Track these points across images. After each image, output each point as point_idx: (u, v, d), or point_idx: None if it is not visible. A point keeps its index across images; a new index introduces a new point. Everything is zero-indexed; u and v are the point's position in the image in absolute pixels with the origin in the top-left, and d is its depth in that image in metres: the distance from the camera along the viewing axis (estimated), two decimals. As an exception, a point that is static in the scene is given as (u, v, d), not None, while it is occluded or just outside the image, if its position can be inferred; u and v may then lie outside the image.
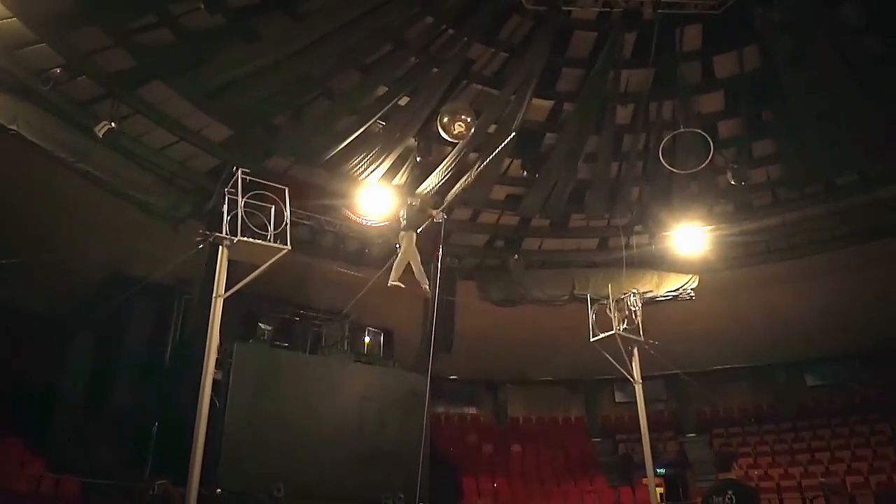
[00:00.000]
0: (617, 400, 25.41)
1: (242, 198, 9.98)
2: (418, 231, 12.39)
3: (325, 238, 18.51)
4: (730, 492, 5.57)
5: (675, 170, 15.19)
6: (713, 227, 18.95)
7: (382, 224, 17.38)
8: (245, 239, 9.71)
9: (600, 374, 25.39)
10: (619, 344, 13.73)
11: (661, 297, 20.06)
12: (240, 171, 10.23)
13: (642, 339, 14.12)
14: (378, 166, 16.31)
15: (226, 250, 9.72)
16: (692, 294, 20.01)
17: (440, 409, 24.32)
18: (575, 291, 20.15)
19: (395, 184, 17.15)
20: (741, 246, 19.68)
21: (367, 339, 20.17)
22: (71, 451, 14.92)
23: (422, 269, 12.51)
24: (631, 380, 14.05)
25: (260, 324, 15.93)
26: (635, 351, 14.17)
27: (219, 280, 9.61)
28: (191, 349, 15.14)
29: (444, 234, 18.47)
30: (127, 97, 13.82)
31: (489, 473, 20.41)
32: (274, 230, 10.16)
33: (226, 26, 13.09)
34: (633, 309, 14.28)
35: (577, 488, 19.65)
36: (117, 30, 12.72)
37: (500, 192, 18.35)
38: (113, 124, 13.39)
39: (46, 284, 16.73)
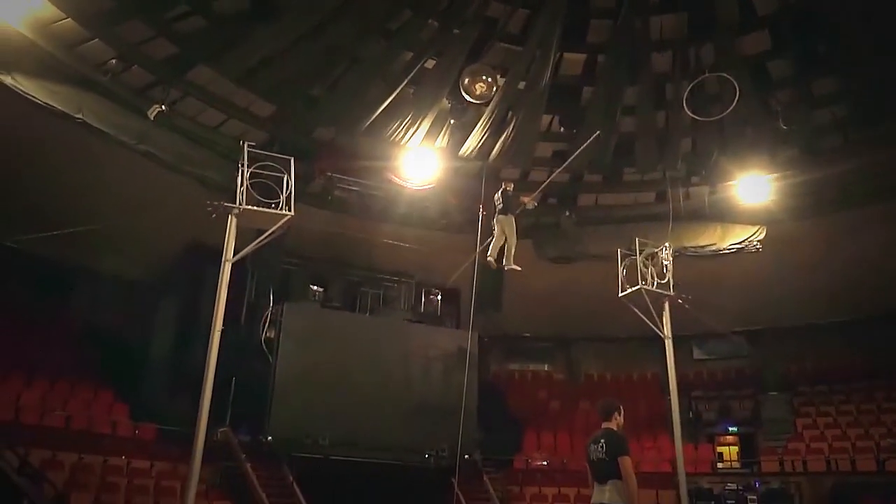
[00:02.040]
0: (695, 356, 24.66)
1: (248, 168, 10.74)
2: (516, 214, 12.87)
3: (377, 203, 19.24)
4: (602, 440, 5.75)
5: (698, 117, 14.47)
6: (778, 174, 17.85)
7: (427, 187, 17.87)
8: (249, 207, 10.51)
9: (679, 331, 24.84)
10: (647, 299, 13.49)
11: (726, 249, 19.23)
12: (245, 145, 11.01)
13: (671, 293, 13.79)
14: (416, 130, 16.74)
15: (234, 218, 10.57)
16: (759, 246, 19.01)
17: (513, 366, 24.78)
18: (633, 246, 19.71)
19: (439, 146, 17.50)
20: (811, 195, 18.36)
21: (436, 298, 20.63)
22: (153, 403, 16.85)
23: (513, 252, 12.95)
24: (661, 335, 13.79)
25: (311, 286, 16.99)
26: (666, 306, 13.86)
27: (227, 245, 10.52)
28: (260, 313, 16.53)
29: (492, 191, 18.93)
30: (176, 81, 15.05)
31: (552, 429, 20.68)
32: (282, 198, 10.86)
33: (252, 7, 13.88)
34: (666, 263, 13.95)
35: (638, 445, 19.50)
36: (156, 20, 13.87)
37: (545, 149, 18.24)
38: (163, 107, 14.64)
39: (136, 254, 18.70)
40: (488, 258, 12.35)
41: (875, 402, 19.67)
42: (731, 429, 20.37)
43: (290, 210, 10.93)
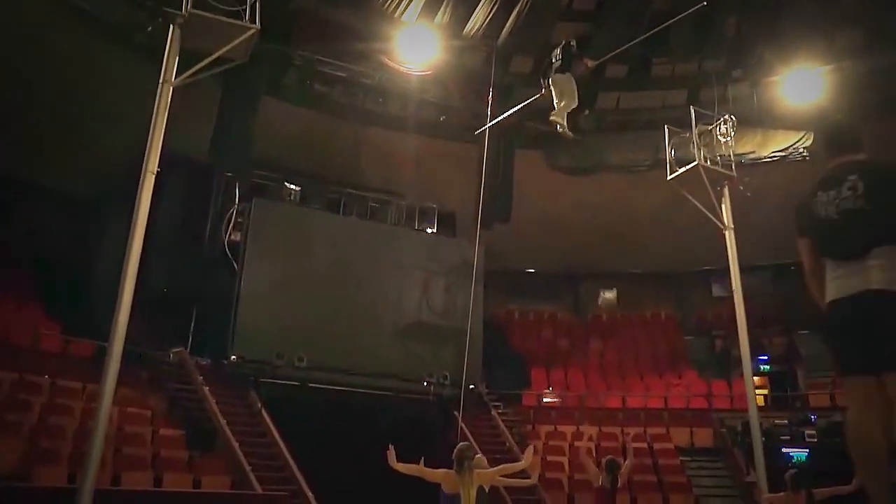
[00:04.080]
0: (714, 294, 22.25)
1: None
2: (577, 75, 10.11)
3: (367, 101, 16.44)
4: (855, 178, 2.93)
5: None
6: (833, 65, 15.31)
7: (426, 73, 15.11)
8: (198, 13, 7.68)
9: (696, 266, 22.49)
10: (706, 181, 10.90)
11: (767, 158, 16.72)
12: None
13: (734, 173, 11.24)
14: (412, 0, 13.93)
15: (178, 30, 7.75)
16: (805, 154, 16.52)
17: (513, 306, 22.18)
18: (660, 156, 17.14)
19: (439, 23, 14.70)
20: (873, 89, 15.80)
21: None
22: (94, 321, 13.99)
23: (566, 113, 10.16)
24: (721, 225, 11.24)
25: (287, 183, 14.16)
26: (726, 191, 11.30)
27: (168, 64, 7.70)
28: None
29: (503, 91, 16.24)
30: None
31: (563, 366, 18.24)
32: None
33: None
34: (725, 140, 11.37)
35: (662, 381, 17.14)
36: None
37: (563, 32, 15.45)
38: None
39: (81, 163, 15.75)
40: (563, 132, 9.68)
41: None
42: (763, 367, 17.99)
43: (254, 23, 8.09)
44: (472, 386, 13.87)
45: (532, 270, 22.37)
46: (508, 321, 20.98)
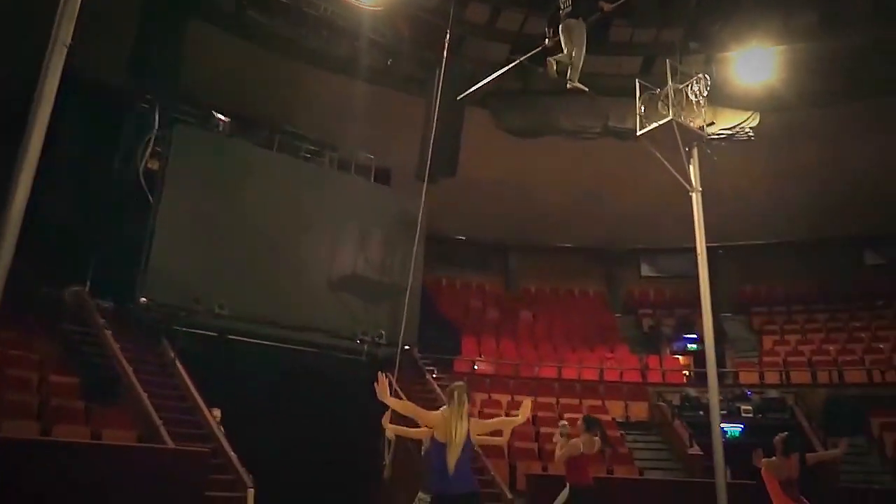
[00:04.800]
0: (643, 274, 22.31)
1: None
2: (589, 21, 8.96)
3: (310, 37, 14.98)
4: None
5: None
6: (787, 46, 15.24)
7: (377, 8, 13.83)
8: None
9: (626, 245, 22.40)
10: (678, 136, 10.33)
11: (715, 136, 16.52)
12: None
13: (705, 133, 10.75)
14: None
15: None
16: (751, 134, 16.49)
17: (440, 273, 21.30)
18: (609, 123, 16.73)
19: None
20: (817, 75, 15.89)
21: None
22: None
23: (579, 68, 9.07)
24: (689, 187, 10.72)
25: (215, 112, 12.60)
26: (695, 153, 10.79)
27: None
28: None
29: (456, 41, 15.22)
30: None
31: (494, 335, 17.61)
32: None
33: None
34: (696, 99, 10.85)
35: (595, 355, 16.80)
36: None
37: (526, -19, 14.64)
38: None
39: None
40: (549, 64, 8.72)
41: (841, 321, 18.01)
42: (690, 346, 18.02)
43: None
44: (407, 347, 12.95)
45: (462, 238, 21.62)
46: (436, 288, 20.11)
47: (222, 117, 12.58)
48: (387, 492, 10.67)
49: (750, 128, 16.53)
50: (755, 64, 15.55)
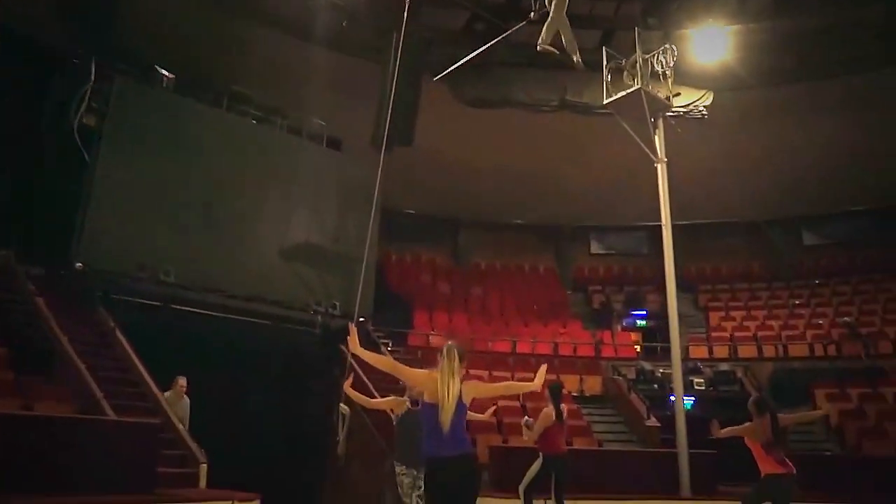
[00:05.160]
0: (592, 251, 22.44)
1: None
2: None
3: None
4: None
5: None
6: (742, 25, 15.37)
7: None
8: None
9: (577, 222, 22.44)
10: (645, 103, 10.19)
11: (670, 113, 16.59)
12: None
13: (672, 105, 10.66)
14: None
15: None
16: (704, 112, 16.60)
17: (389, 247, 20.86)
18: (567, 97, 16.55)
19: None
20: (770, 56, 16.11)
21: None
22: None
23: (573, 38, 8.79)
24: (654, 158, 10.62)
25: (158, 67, 11.74)
26: (661, 123, 10.70)
27: None
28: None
29: (413, 6, 14.70)
30: None
31: (446, 310, 17.35)
32: None
33: None
34: (663, 70, 10.74)
35: (548, 330, 16.74)
36: None
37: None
38: None
39: None
40: (540, 45, 8.51)
41: (781, 299, 18.55)
42: (639, 322, 18.23)
43: None
44: (362, 319, 12.54)
45: (412, 212, 21.22)
46: (386, 262, 19.69)
47: (166, 73, 11.72)
48: (341, 468, 10.33)
49: (704, 106, 16.61)
50: (711, 42, 15.63)
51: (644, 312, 18.28)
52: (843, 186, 18.58)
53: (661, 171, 10.61)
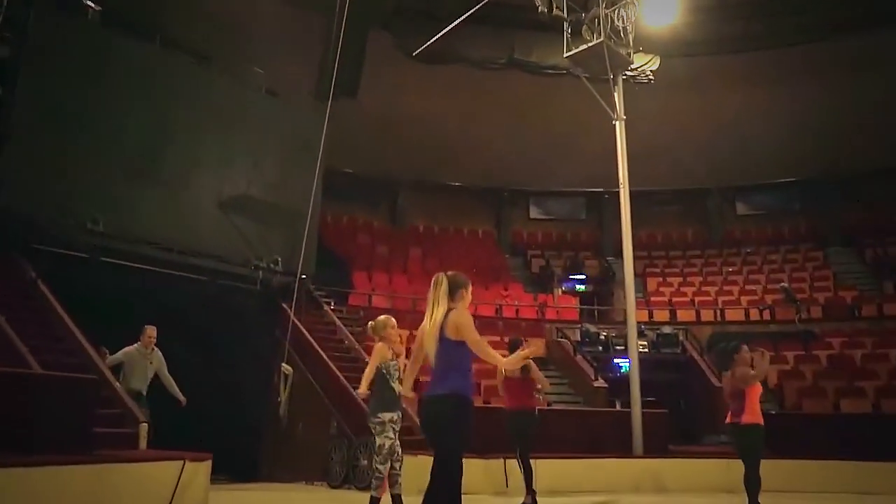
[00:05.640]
0: (532, 216, 22.42)
1: None
2: None
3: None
4: None
5: None
6: (692, -10, 15.39)
7: None
8: None
9: (516, 186, 22.31)
10: (606, 56, 9.96)
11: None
12: None
13: (632, 61, 10.49)
14: None
15: None
16: (651, 77, 16.63)
17: (326, 207, 20.11)
18: (515, 55, 16.24)
19: None
20: (717, 22, 16.25)
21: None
22: None
23: None
24: (612, 115, 10.45)
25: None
26: (619, 79, 10.52)
27: None
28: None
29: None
30: None
31: (385, 271, 16.94)
32: None
33: None
34: (624, 25, 10.53)
35: (490, 292, 16.61)
36: None
37: None
38: None
39: None
40: None
41: (715, 266, 19.09)
42: (578, 286, 18.35)
43: None
44: (304, 276, 11.96)
45: (350, 171, 20.52)
46: (322, 222, 18.98)
47: (92, 4, 10.64)
48: (284, 428, 9.90)
49: (651, 70, 16.64)
50: (660, 6, 15.56)
51: (583, 277, 18.39)
52: (779, 157, 19.14)
53: (620, 128, 10.48)
